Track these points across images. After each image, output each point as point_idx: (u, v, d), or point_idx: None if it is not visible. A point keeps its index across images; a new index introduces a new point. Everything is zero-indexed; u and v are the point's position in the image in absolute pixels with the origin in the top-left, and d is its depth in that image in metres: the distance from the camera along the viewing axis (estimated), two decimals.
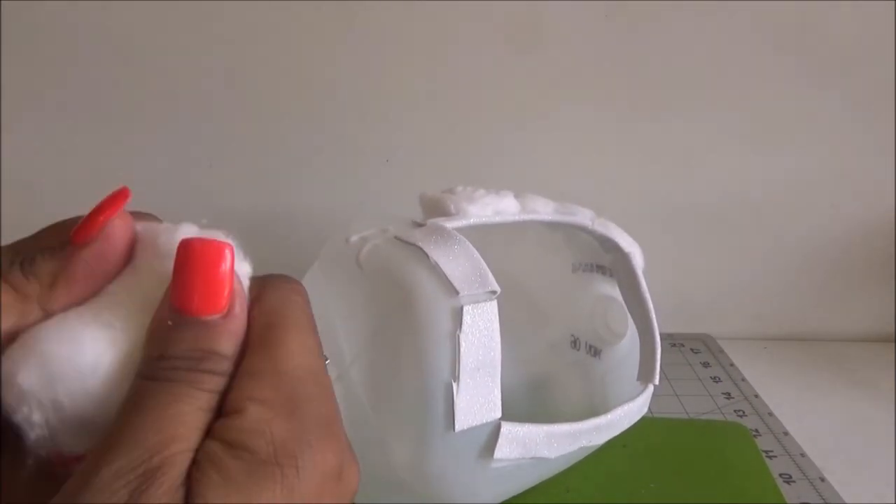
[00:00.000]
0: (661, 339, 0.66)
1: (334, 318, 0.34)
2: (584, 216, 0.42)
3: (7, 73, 0.57)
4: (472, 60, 0.58)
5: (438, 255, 0.31)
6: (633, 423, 0.40)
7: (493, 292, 0.31)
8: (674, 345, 0.65)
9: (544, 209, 0.40)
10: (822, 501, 0.43)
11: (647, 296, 0.44)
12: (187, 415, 0.16)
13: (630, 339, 0.45)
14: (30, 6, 0.55)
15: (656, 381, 0.43)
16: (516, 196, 0.39)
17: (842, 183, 0.61)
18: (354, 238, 0.34)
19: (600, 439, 0.38)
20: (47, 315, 0.18)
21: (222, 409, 0.17)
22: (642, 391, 0.41)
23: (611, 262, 0.45)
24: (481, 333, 0.30)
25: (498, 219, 0.37)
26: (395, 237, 0.33)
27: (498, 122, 0.60)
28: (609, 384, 0.46)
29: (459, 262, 0.31)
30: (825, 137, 0.60)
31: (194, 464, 0.16)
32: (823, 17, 0.56)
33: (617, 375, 0.46)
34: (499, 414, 0.31)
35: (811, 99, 0.59)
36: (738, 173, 0.61)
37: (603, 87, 0.59)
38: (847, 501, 0.43)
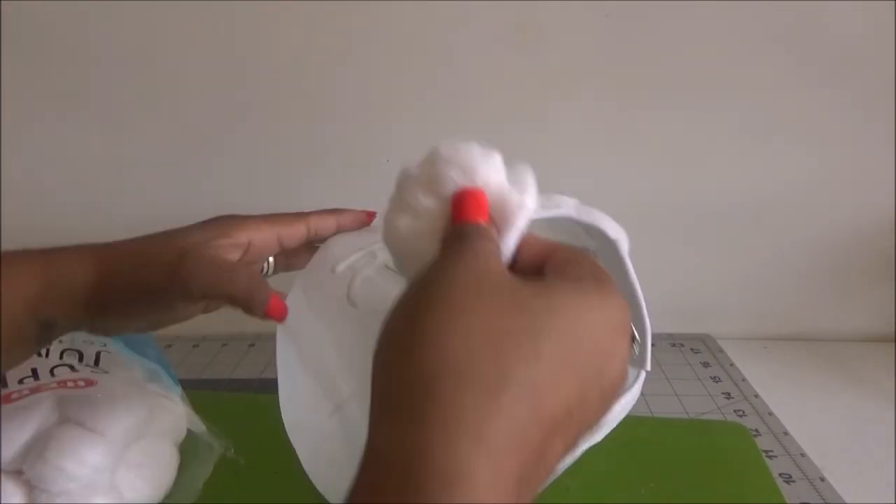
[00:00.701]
0: (661, 339, 0.67)
1: (327, 350, 0.34)
2: (567, 206, 0.41)
3: (7, 74, 0.57)
4: (472, 60, 0.58)
5: None
6: (627, 412, 0.40)
7: None
8: (674, 345, 0.65)
9: None
10: (822, 501, 0.43)
11: (636, 282, 0.43)
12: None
13: None
14: (30, 6, 0.55)
15: (648, 368, 0.42)
16: None
17: (842, 183, 0.61)
18: (341, 267, 0.34)
19: (600, 434, 0.38)
20: None
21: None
22: (636, 379, 0.40)
23: (596, 249, 0.45)
24: None
25: None
26: (386, 266, 0.32)
27: (498, 122, 0.60)
28: None
29: None
30: (825, 137, 0.60)
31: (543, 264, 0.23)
32: (824, 17, 0.56)
33: None
34: None
35: (811, 99, 0.58)
36: (738, 173, 0.61)
37: (603, 87, 0.59)
38: (847, 501, 0.43)
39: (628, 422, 0.51)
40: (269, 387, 0.58)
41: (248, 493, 0.44)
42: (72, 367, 0.42)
